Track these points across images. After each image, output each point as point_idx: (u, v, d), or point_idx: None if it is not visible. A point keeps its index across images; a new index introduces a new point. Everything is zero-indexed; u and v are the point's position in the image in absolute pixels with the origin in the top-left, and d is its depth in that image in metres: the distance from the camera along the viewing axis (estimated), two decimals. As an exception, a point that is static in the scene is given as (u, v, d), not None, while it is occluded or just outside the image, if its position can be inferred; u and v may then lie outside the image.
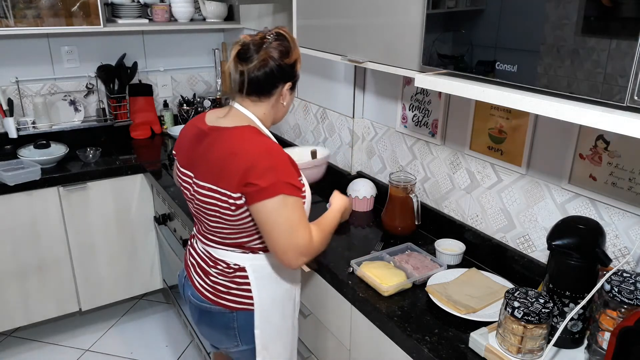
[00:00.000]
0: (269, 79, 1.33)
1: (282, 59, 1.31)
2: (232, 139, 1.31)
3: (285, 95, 1.38)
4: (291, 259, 1.28)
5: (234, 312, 1.42)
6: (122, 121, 2.89)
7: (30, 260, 2.45)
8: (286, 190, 1.24)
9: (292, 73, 1.36)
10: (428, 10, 1.22)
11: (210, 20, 2.90)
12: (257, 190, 1.23)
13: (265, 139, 1.31)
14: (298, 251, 1.27)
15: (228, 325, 1.44)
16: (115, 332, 2.75)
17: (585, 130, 1.33)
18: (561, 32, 0.92)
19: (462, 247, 1.66)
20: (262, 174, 1.23)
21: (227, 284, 1.41)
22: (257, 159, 1.25)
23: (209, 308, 1.44)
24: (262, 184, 1.23)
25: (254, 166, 1.24)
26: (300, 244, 1.27)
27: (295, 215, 1.26)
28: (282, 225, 1.25)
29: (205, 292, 1.44)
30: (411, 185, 1.78)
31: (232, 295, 1.41)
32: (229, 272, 1.41)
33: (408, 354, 1.30)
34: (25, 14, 2.35)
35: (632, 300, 1.04)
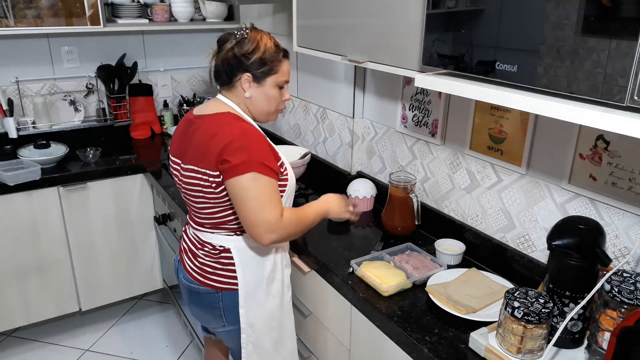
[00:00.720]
0: (225, 68, 1.44)
1: (236, 49, 1.41)
2: (213, 123, 1.41)
3: (247, 86, 1.44)
4: (260, 233, 1.35)
5: (219, 292, 1.50)
6: (122, 121, 2.89)
7: (30, 260, 2.45)
8: (257, 169, 1.32)
9: (247, 64, 1.41)
10: (428, 10, 1.22)
11: (210, 20, 2.89)
12: (230, 167, 1.32)
13: (242, 123, 1.40)
14: (266, 227, 1.34)
15: (214, 305, 1.52)
16: (115, 332, 2.75)
17: (585, 130, 1.33)
18: (561, 32, 0.92)
19: (462, 247, 1.66)
20: (236, 151, 1.32)
21: (213, 265, 1.49)
22: (233, 138, 1.34)
23: (197, 288, 1.53)
24: (234, 161, 1.31)
25: (229, 144, 1.33)
26: (268, 220, 1.33)
27: (265, 192, 1.34)
28: (252, 202, 1.33)
29: (194, 273, 1.53)
30: (411, 185, 1.79)
31: (218, 275, 1.49)
32: (214, 254, 1.49)
33: (408, 354, 1.30)
34: (25, 14, 2.35)
35: (632, 300, 1.04)
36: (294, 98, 2.55)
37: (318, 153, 2.43)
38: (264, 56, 1.42)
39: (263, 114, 1.50)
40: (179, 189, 1.55)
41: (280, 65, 1.46)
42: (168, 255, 2.59)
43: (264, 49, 1.42)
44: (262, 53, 1.42)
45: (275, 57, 1.44)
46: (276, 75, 1.45)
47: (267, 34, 1.47)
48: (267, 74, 1.44)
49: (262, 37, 1.43)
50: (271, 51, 1.43)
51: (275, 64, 1.45)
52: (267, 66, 1.43)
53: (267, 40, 1.44)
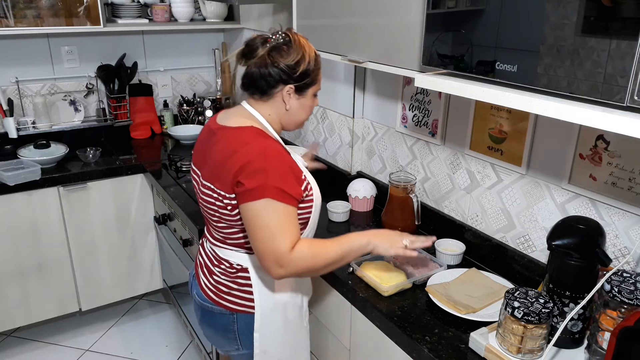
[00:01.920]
0: (264, 77, 1.29)
1: (279, 59, 1.28)
2: (233, 138, 1.29)
3: (288, 99, 1.33)
4: (268, 266, 1.24)
5: (234, 313, 1.41)
6: (122, 121, 2.89)
7: (30, 260, 2.45)
8: (272, 195, 1.20)
9: (292, 75, 1.29)
10: (428, 10, 1.22)
11: (210, 20, 2.90)
12: (244, 190, 1.22)
13: (265, 141, 1.27)
14: (274, 259, 1.22)
15: (228, 328, 1.43)
16: (115, 332, 2.75)
17: (585, 130, 1.33)
18: (561, 32, 0.92)
19: (462, 247, 1.66)
20: (252, 174, 1.21)
21: (229, 284, 1.40)
22: (250, 159, 1.23)
23: (211, 308, 1.43)
24: (249, 185, 1.21)
25: (246, 166, 1.22)
26: (276, 252, 1.21)
27: (277, 221, 1.22)
28: (262, 230, 1.22)
29: (209, 291, 1.44)
30: (411, 185, 1.78)
31: (233, 296, 1.40)
32: (231, 272, 1.39)
33: (408, 354, 1.30)
34: (25, 14, 2.35)
35: (632, 300, 1.04)
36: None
37: (318, 153, 2.43)
38: (309, 67, 1.31)
39: (296, 124, 1.40)
40: (197, 198, 1.45)
41: (319, 74, 1.36)
42: (168, 255, 2.59)
43: (308, 60, 1.30)
44: (307, 64, 1.30)
45: (317, 67, 1.34)
46: (316, 85, 1.36)
47: (306, 40, 1.34)
48: (309, 85, 1.33)
49: (305, 46, 1.31)
50: (314, 61, 1.32)
51: (316, 73, 1.34)
52: (309, 77, 1.32)
53: (310, 50, 1.32)
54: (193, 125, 3.05)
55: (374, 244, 1.34)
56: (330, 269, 1.33)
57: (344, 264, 1.33)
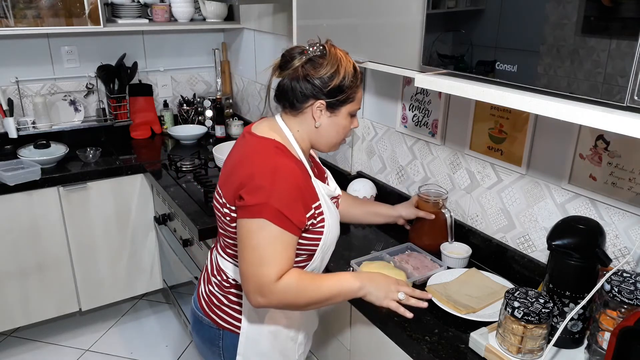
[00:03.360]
0: (294, 90, 1.22)
1: (311, 71, 1.20)
2: (250, 147, 1.24)
3: (319, 115, 1.23)
4: (248, 291, 1.16)
5: (220, 329, 1.35)
6: (122, 121, 2.89)
7: (30, 260, 2.45)
8: (270, 217, 1.12)
9: (324, 90, 1.20)
10: (428, 10, 1.22)
11: (210, 20, 2.90)
12: (242, 205, 1.16)
13: (278, 158, 1.18)
14: (254, 285, 1.14)
15: (213, 342, 1.38)
16: (115, 332, 2.75)
17: (585, 130, 1.33)
18: (561, 32, 0.92)
19: (468, 250, 1.63)
20: (253, 190, 1.14)
21: (221, 298, 1.35)
22: (256, 174, 1.16)
23: (201, 317, 1.39)
24: (248, 201, 1.14)
25: (250, 180, 1.16)
26: (261, 280, 1.13)
27: (270, 246, 1.13)
28: (252, 252, 1.14)
29: (202, 300, 1.40)
30: (442, 200, 1.64)
31: (222, 311, 1.35)
32: (225, 286, 1.34)
33: (408, 354, 1.30)
34: (25, 14, 2.35)
35: (632, 300, 1.04)
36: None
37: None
38: (344, 82, 1.21)
39: (328, 145, 1.30)
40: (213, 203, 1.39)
41: (356, 92, 1.25)
42: (168, 255, 2.59)
43: (344, 74, 1.20)
44: (342, 79, 1.20)
45: (354, 83, 1.23)
46: (352, 103, 1.25)
47: (346, 54, 1.24)
48: (343, 102, 1.23)
49: (342, 59, 1.22)
50: (351, 76, 1.22)
51: (353, 90, 1.24)
52: (344, 94, 1.22)
53: (348, 63, 1.22)
54: (193, 125, 3.06)
55: (366, 290, 1.23)
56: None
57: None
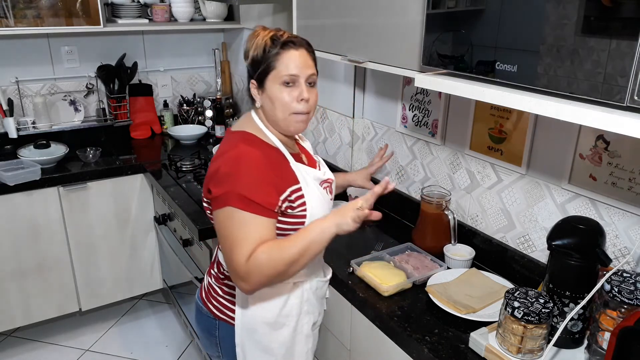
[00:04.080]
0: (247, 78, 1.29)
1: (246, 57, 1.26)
2: (222, 144, 1.29)
3: (255, 94, 1.26)
4: (234, 280, 1.18)
5: (216, 319, 1.37)
6: (122, 121, 2.89)
7: (30, 260, 2.44)
8: (234, 203, 1.14)
9: (250, 70, 1.25)
10: (428, 10, 1.22)
11: (210, 20, 2.90)
12: (212, 198, 1.19)
13: (244, 147, 1.20)
14: (235, 274, 1.16)
15: (210, 332, 1.40)
16: (115, 332, 2.75)
17: (585, 130, 1.33)
18: (561, 32, 0.92)
19: (471, 252, 1.62)
20: (219, 181, 1.17)
21: (217, 289, 1.38)
22: (222, 164, 1.18)
23: (200, 307, 1.43)
24: (215, 193, 1.17)
25: (216, 172, 1.18)
26: (236, 266, 1.14)
27: (238, 231, 1.14)
28: (224, 241, 1.17)
29: (203, 290, 1.44)
30: (446, 201, 1.66)
31: (218, 301, 1.37)
32: (221, 278, 1.37)
33: (408, 354, 1.30)
34: (25, 14, 2.35)
35: (632, 300, 1.04)
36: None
37: (318, 153, 2.43)
38: (257, 53, 1.21)
39: (279, 123, 1.25)
40: None
41: (279, 59, 1.20)
42: (168, 255, 2.59)
43: (256, 46, 1.21)
44: (254, 50, 1.21)
45: (270, 51, 1.20)
46: (275, 71, 1.20)
47: (273, 30, 1.24)
48: (265, 73, 1.21)
49: (257, 34, 1.23)
50: (265, 45, 1.20)
51: (272, 59, 1.20)
52: (262, 64, 1.21)
53: (265, 35, 1.21)
54: (193, 125, 3.05)
55: (333, 223, 1.18)
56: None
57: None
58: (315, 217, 1.25)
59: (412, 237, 1.77)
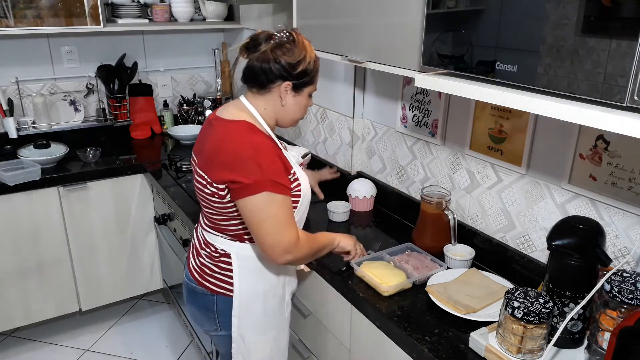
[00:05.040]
0: (264, 72, 1.34)
1: (281, 56, 1.33)
2: (224, 131, 1.35)
3: (285, 95, 1.38)
4: (277, 255, 1.32)
5: (214, 294, 1.46)
6: (122, 121, 2.89)
7: (30, 260, 2.44)
8: (270, 188, 1.27)
9: (292, 73, 1.35)
10: (428, 10, 1.22)
11: (210, 20, 2.90)
12: (241, 187, 1.28)
13: (254, 137, 1.32)
14: (284, 248, 1.31)
15: (208, 307, 1.49)
16: (115, 332, 2.75)
17: (585, 130, 1.33)
18: (561, 32, 0.92)
19: (471, 252, 1.62)
20: (246, 171, 1.27)
21: (212, 267, 1.46)
22: (241, 155, 1.28)
23: (194, 287, 1.50)
24: (245, 181, 1.27)
25: (236, 162, 1.28)
26: (286, 242, 1.31)
27: (281, 212, 1.30)
28: (267, 223, 1.29)
29: (194, 271, 1.51)
30: (446, 201, 1.66)
31: (215, 278, 1.46)
32: (215, 256, 1.46)
33: (408, 354, 1.30)
34: (25, 14, 2.35)
35: (632, 300, 1.04)
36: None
37: (318, 153, 2.43)
38: (309, 67, 1.37)
39: (291, 121, 1.45)
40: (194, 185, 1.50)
41: (316, 77, 1.42)
42: (168, 255, 2.59)
43: (309, 60, 1.37)
44: (307, 64, 1.36)
45: (316, 68, 1.40)
46: (313, 85, 1.42)
47: (309, 42, 1.40)
48: (307, 84, 1.40)
49: (307, 47, 1.37)
50: (314, 62, 1.39)
51: (315, 74, 1.41)
52: (308, 77, 1.38)
53: (312, 51, 1.39)
54: (193, 125, 3.05)
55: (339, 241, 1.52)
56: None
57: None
58: (306, 190, 1.44)
59: (412, 237, 1.77)
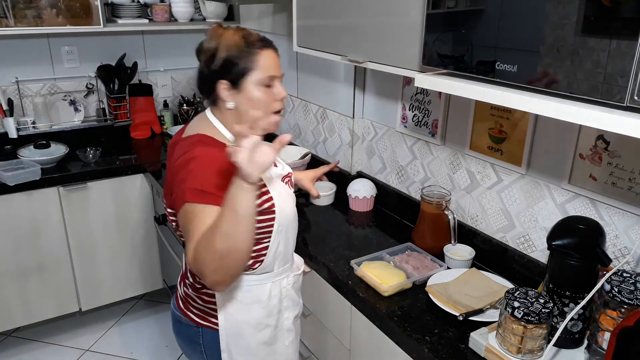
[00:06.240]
0: (202, 80, 1.25)
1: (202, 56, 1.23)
2: (178, 152, 1.21)
3: (226, 95, 1.22)
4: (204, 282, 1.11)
5: (199, 327, 1.34)
6: (122, 121, 2.89)
7: (30, 260, 2.45)
8: (190, 197, 1.09)
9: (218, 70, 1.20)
10: (428, 10, 1.22)
11: (210, 20, 2.89)
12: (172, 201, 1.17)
13: (199, 149, 1.16)
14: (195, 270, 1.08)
15: (194, 340, 1.36)
16: (115, 332, 2.75)
17: (585, 130, 1.33)
18: (561, 32, 0.92)
19: (471, 252, 1.62)
20: (177, 185, 1.13)
21: (195, 298, 1.34)
22: (178, 168, 1.15)
23: (179, 317, 1.38)
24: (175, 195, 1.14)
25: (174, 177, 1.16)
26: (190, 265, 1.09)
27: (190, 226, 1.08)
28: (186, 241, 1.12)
29: (180, 300, 1.39)
30: (445, 201, 1.66)
31: (199, 310, 1.33)
32: (197, 287, 1.32)
33: (408, 354, 1.30)
34: (25, 14, 2.35)
35: (632, 300, 1.04)
36: (294, 98, 2.54)
37: (318, 153, 2.43)
38: (230, 54, 1.18)
39: (259, 123, 1.23)
40: None
41: (257, 60, 1.19)
42: (168, 255, 2.59)
43: (226, 46, 1.19)
44: (226, 50, 1.18)
45: (247, 52, 1.19)
46: (254, 72, 1.19)
47: (234, 29, 1.23)
48: (242, 74, 1.19)
49: (223, 33, 1.20)
50: (237, 46, 1.19)
51: (249, 59, 1.19)
52: (238, 65, 1.19)
53: (231, 35, 1.20)
54: (193, 125, 3.05)
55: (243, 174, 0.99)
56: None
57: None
58: (285, 211, 1.26)
59: (412, 237, 1.77)
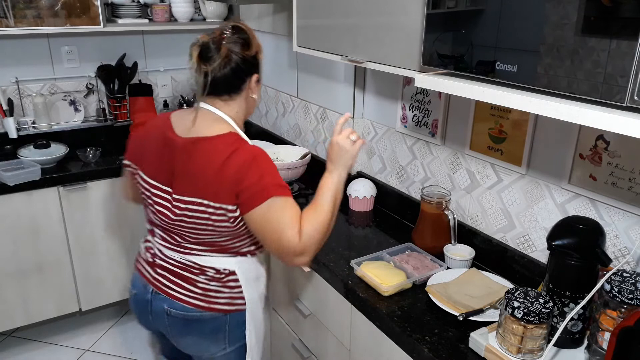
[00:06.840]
0: (235, 75, 1.30)
1: (244, 52, 1.30)
2: (216, 150, 1.27)
3: (255, 88, 1.37)
4: (290, 262, 1.29)
5: (227, 314, 1.41)
6: (122, 121, 2.88)
7: (30, 260, 2.44)
8: (274, 192, 1.24)
9: (256, 64, 1.35)
10: (428, 10, 1.22)
11: (210, 20, 2.89)
12: (245, 200, 1.25)
13: (249, 147, 1.29)
14: (292, 254, 1.26)
15: (219, 329, 1.42)
16: (115, 332, 2.75)
17: (585, 130, 1.33)
18: (561, 32, 0.92)
19: (471, 252, 1.62)
20: (250, 181, 1.24)
21: (220, 289, 1.39)
22: (242, 168, 1.24)
23: (199, 316, 1.38)
24: (251, 192, 1.24)
25: (239, 176, 1.24)
26: (290, 248, 1.25)
27: (284, 217, 1.25)
28: (271, 231, 1.26)
29: (193, 300, 1.38)
30: (446, 201, 1.66)
31: (226, 299, 1.40)
32: (220, 278, 1.38)
33: (408, 354, 1.30)
34: (25, 14, 2.35)
35: (632, 300, 1.04)
36: (294, 98, 2.55)
37: (318, 153, 2.43)
38: (260, 50, 1.36)
39: (251, 113, 1.44)
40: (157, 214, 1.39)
41: None
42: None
43: (258, 44, 1.36)
44: (259, 47, 1.36)
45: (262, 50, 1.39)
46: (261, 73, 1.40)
47: None
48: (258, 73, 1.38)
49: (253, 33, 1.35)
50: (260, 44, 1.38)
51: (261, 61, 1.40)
52: (260, 65, 1.38)
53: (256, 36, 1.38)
54: (193, 125, 3.05)
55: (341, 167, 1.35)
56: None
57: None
58: None
59: (412, 237, 1.77)
